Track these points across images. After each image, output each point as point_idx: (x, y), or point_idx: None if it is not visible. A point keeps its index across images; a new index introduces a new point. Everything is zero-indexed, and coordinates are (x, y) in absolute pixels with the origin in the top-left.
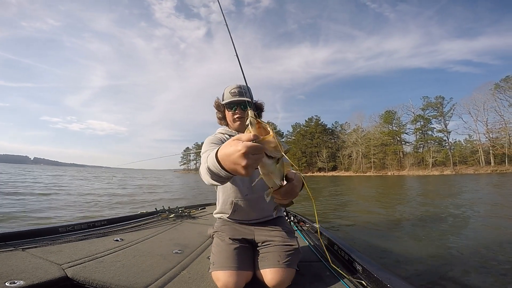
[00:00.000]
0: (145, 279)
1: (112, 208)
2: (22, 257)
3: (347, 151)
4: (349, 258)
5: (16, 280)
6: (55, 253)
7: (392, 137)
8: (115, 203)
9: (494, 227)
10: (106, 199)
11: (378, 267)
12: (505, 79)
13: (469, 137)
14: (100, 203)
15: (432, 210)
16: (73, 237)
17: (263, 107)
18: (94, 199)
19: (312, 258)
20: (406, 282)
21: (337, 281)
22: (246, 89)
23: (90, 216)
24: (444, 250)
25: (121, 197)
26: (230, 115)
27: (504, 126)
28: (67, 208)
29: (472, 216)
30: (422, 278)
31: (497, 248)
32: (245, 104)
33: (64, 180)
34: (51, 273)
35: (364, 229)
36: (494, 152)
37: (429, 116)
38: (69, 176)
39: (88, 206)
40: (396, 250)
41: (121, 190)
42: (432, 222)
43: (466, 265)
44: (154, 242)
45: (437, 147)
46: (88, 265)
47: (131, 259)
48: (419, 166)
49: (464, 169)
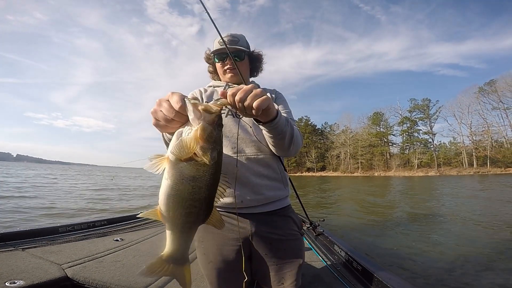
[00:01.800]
0: (145, 279)
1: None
2: (22, 257)
3: (336, 151)
4: (349, 258)
5: (16, 280)
6: (55, 253)
7: (379, 138)
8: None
9: (476, 226)
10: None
11: (378, 267)
12: (489, 83)
13: (454, 139)
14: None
15: (412, 211)
16: (73, 237)
17: (261, 58)
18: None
19: (313, 258)
20: (407, 282)
21: (337, 281)
22: (238, 37)
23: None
24: (426, 247)
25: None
26: (220, 66)
27: (487, 129)
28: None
29: (453, 218)
30: (400, 268)
31: (476, 244)
32: (237, 54)
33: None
34: (51, 273)
35: (352, 229)
36: (477, 154)
37: (415, 118)
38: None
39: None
40: (383, 245)
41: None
42: (412, 223)
43: (450, 262)
44: (154, 242)
45: (423, 149)
46: (88, 265)
47: (131, 259)
48: (405, 167)
49: (448, 170)
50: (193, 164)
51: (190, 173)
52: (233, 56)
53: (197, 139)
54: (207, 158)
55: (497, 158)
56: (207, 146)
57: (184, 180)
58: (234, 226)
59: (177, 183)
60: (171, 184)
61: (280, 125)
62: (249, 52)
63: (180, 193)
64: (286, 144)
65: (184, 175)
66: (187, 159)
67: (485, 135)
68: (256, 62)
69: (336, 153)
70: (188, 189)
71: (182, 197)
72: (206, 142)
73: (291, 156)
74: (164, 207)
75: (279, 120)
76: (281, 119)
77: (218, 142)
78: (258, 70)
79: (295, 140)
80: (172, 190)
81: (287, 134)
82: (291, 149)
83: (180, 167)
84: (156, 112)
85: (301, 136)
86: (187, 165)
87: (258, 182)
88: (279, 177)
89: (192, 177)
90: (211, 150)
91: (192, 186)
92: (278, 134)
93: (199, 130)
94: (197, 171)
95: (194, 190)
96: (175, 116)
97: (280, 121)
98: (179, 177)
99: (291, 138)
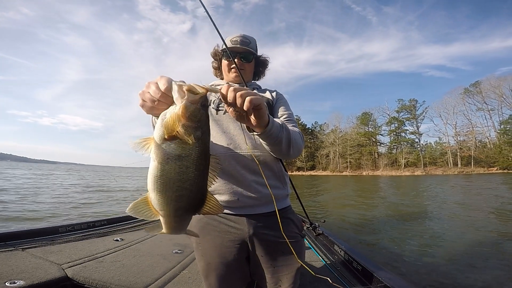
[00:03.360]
0: (145, 279)
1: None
2: (22, 257)
3: (325, 151)
4: (349, 258)
5: (16, 280)
6: (55, 253)
7: (368, 138)
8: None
9: (461, 224)
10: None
11: (378, 267)
12: (474, 84)
13: (439, 139)
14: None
15: (403, 210)
16: (73, 237)
17: (267, 63)
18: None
19: (313, 258)
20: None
21: (337, 281)
22: (250, 39)
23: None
24: (417, 245)
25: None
26: (226, 64)
27: (471, 129)
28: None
29: (438, 216)
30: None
31: (465, 239)
32: (246, 56)
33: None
34: (51, 273)
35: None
36: (461, 154)
37: (403, 118)
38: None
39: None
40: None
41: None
42: (404, 221)
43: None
44: (154, 242)
45: (410, 149)
46: (88, 265)
47: (131, 259)
48: (392, 167)
49: (434, 170)
50: (177, 142)
51: (175, 151)
52: (241, 56)
53: (179, 117)
54: (189, 136)
55: (481, 158)
56: (189, 124)
57: (170, 159)
58: (231, 228)
59: (163, 163)
60: (157, 165)
61: (273, 132)
62: (257, 55)
63: (166, 174)
64: (284, 150)
65: (169, 154)
66: (171, 138)
67: (470, 136)
68: (260, 66)
69: (326, 153)
70: (175, 169)
71: (169, 178)
72: (188, 120)
73: (292, 158)
74: (153, 192)
75: (272, 127)
76: (274, 126)
77: (202, 121)
78: (261, 75)
79: (294, 144)
80: (159, 171)
81: (283, 140)
82: (291, 153)
83: (165, 146)
84: (144, 93)
85: (302, 138)
86: (171, 144)
87: (254, 180)
88: (277, 176)
89: (177, 156)
90: (194, 128)
91: (178, 165)
92: (274, 141)
93: (181, 108)
94: (182, 150)
95: (181, 170)
96: (160, 97)
97: (273, 128)
98: (164, 157)
99: (288, 143)
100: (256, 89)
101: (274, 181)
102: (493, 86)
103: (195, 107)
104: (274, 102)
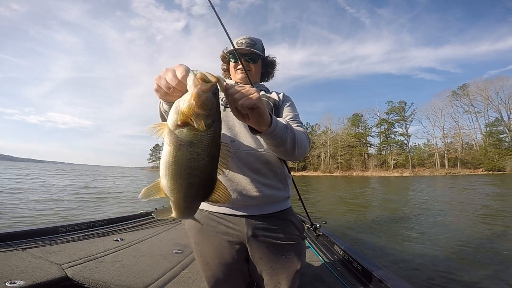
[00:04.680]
0: (145, 279)
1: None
2: (22, 257)
3: (316, 151)
4: (349, 258)
5: (16, 280)
6: (55, 253)
7: (358, 139)
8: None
9: (449, 223)
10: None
11: (378, 267)
12: (462, 87)
13: (428, 141)
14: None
15: (394, 210)
16: (73, 237)
17: (275, 64)
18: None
19: (313, 258)
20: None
21: (337, 281)
22: (255, 41)
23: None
24: (410, 244)
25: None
26: (233, 66)
27: (458, 132)
28: None
29: (425, 216)
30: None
31: (448, 238)
32: (252, 57)
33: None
34: (51, 273)
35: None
36: (448, 156)
37: (392, 120)
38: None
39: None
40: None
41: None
42: (396, 221)
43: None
44: (154, 242)
45: (399, 150)
46: (88, 265)
47: (131, 259)
48: (382, 168)
49: (422, 171)
50: (189, 129)
51: (187, 138)
52: (247, 58)
53: (191, 104)
54: (200, 123)
55: (467, 160)
56: (201, 112)
57: (182, 145)
58: (230, 229)
59: (175, 149)
60: (170, 150)
61: (277, 133)
62: (263, 56)
63: (178, 160)
64: (289, 151)
65: (182, 140)
66: (184, 124)
67: (457, 138)
68: (268, 67)
69: (317, 153)
70: (186, 155)
71: (181, 164)
72: (200, 108)
73: (297, 159)
74: (165, 178)
75: (275, 128)
76: (277, 126)
77: (213, 109)
78: (270, 76)
79: (299, 145)
80: (171, 156)
81: (287, 141)
82: (296, 153)
83: (177, 133)
84: (160, 79)
85: (308, 139)
86: (183, 130)
87: (256, 178)
88: (279, 176)
89: (189, 142)
90: (206, 116)
91: (190, 152)
92: (277, 141)
93: (193, 95)
94: (194, 136)
95: (192, 157)
96: (176, 85)
97: (276, 129)
98: (177, 143)
99: (293, 144)
100: (263, 91)
101: (275, 181)
102: (480, 89)
103: (206, 96)
104: (280, 104)
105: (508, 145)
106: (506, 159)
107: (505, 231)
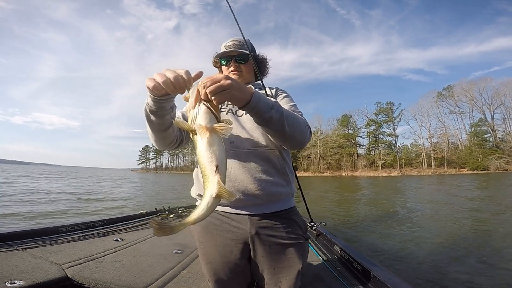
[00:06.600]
0: (145, 279)
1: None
2: (22, 257)
3: (307, 152)
4: (349, 258)
5: (16, 280)
6: (55, 253)
7: (347, 139)
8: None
9: (437, 220)
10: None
11: (378, 267)
12: (447, 88)
13: (415, 141)
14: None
15: (386, 209)
16: (73, 237)
17: (266, 61)
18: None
19: (313, 258)
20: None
21: (337, 281)
22: (244, 41)
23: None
24: (404, 243)
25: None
26: (225, 69)
27: (444, 132)
28: None
29: (413, 214)
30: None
31: (434, 235)
32: (242, 57)
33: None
34: (51, 273)
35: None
36: (435, 156)
37: (380, 120)
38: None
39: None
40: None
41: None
42: (388, 220)
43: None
44: (154, 242)
45: (387, 150)
46: (88, 265)
47: (131, 259)
48: (370, 168)
49: (409, 171)
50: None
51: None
52: (238, 59)
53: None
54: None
55: (453, 159)
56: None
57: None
58: (233, 227)
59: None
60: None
61: (261, 108)
62: (254, 55)
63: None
64: (279, 131)
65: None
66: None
67: (443, 138)
68: (260, 65)
69: (307, 154)
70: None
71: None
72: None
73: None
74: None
75: (258, 103)
76: (259, 103)
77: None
78: (263, 73)
79: (293, 125)
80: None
81: (273, 119)
82: (287, 132)
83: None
84: (166, 80)
85: (306, 125)
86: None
87: (257, 176)
88: (281, 172)
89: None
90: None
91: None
92: (262, 118)
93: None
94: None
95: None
96: (179, 90)
97: (259, 104)
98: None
99: (282, 124)
100: (257, 89)
101: (277, 178)
102: (465, 90)
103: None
104: (274, 98)
105: (492, 144)
106: (490, 158)
107: (496, 229)
